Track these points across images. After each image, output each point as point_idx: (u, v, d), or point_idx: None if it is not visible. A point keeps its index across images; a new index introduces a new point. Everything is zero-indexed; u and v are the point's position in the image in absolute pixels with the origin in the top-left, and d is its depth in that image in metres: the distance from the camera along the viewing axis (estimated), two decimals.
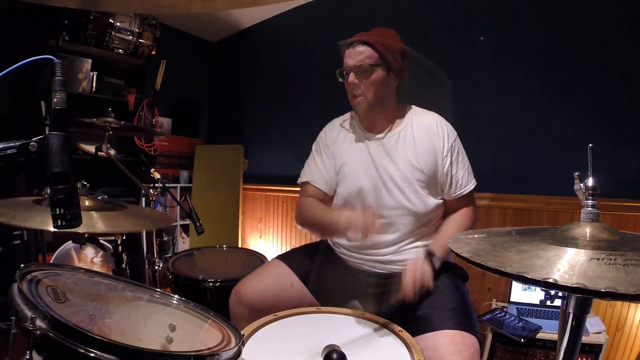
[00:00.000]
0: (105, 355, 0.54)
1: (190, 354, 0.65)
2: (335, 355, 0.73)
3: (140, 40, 2.93)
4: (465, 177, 1.20)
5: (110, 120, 1.47)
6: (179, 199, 1.71)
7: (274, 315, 1.01)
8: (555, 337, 1.56)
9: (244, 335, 0.84)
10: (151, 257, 1.66)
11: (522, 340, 1.54)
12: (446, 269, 1.19)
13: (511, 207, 2.06)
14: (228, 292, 1.51)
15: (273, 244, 3.34)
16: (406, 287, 1.01)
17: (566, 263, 0.51)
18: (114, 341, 0.57)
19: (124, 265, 1.31)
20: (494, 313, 1.76)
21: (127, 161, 2.80)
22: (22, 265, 0.75)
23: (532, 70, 2.04)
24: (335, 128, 1.34)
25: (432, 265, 1.08)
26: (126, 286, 0.94)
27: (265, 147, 3.52)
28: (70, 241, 2.14)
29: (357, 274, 1.23)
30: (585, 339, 1.54)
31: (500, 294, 2.00)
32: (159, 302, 0.92)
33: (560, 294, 0.59)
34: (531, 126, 2.04)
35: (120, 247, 1.31)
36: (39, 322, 0.56)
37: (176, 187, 3.54)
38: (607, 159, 1.74)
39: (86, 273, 0.93)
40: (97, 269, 2.19)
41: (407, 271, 1.04)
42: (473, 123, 2.10)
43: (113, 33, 2.78)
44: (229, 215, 3.47)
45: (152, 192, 1.60)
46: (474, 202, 1.26)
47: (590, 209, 0.62)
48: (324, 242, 1.38)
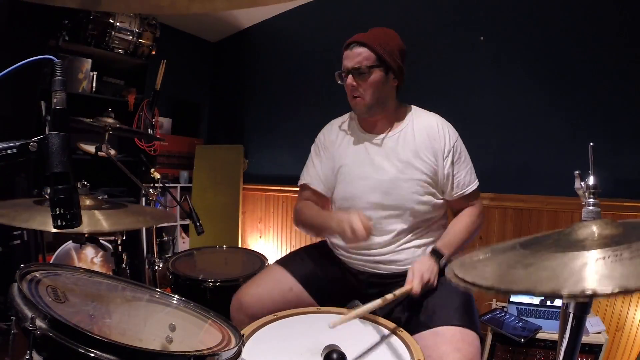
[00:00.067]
0: (105, 355, 0.54)
1: (190, 354, 0.65)
2: (335, 355, 0.73)
3: (140, 40, 2.93)
4: (467, 177, 1.20)
5: (110, 120, 1.47)
6: (179, 199, 1.71)
7: (274, 315, 1.01)
8: (555, 337, 1.56)
9: (244, 335, 0.83)
10: (151, 257, 1.66)
11: (522, 340, 1.54)
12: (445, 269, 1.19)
13: (511, 207, 2.06)
14: (228, 292, 1.50)
15: (273, 244, 3.34)
16: (412, 281, 1.02)
17: (572, 270, 0.48)
18: (114, 341, 0.57)
19: (124, 265, 1.30)
20: (494, 313, 1.76)
21: (127, 161, 2.79)
22: (22, 265, 0.75)
23: (532, 70, 2.04)
24: (334, 129, 1.33)
25: (438, 263, 1.09)
26: (126, 286, 0.94)
27: (265, 147, 3.53)
28: (70, 241, 2.14)
29: (358, 274, 1.23)
30: (585, 339, 1.54)
31: (500, 294, 2.00)
32: (159, 302, 0.91)
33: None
34: (531, 126, 2.04)
35: (120, 247, 1.31)
36: (39, 322, 0.56)
37: (176, 187, 3.54)
38: (607, 158, 1.74)
39: (86, 273, 0.93)
40: (97, 269, 2.19)
41: (414, 265, 1.06)
42: (473, 123, 2.10)
43: (113, 33, 2.78)
44: (229, 215, 3.47)
45: (152, 192, 1.59)
46: (479, 201, 1.26)
47: (591, 207, 0.61)
48: (323, 243, 1.38)
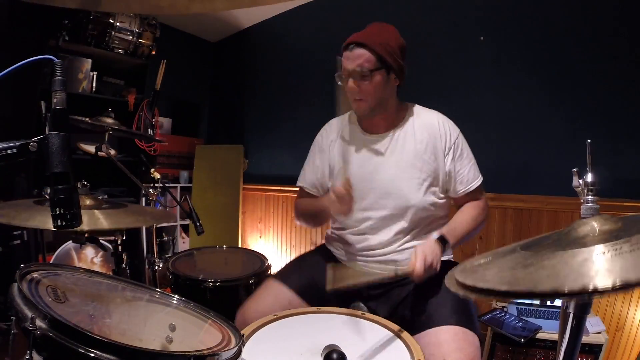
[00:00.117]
0: (105, 355, 0.54)
1: (190, 354, 0.65)
2: (335, 355, 0.73)
3: (140, 40, 2.93)
4: (471, 173, 1.19)
5: (110, 120, 1.47)
6: (179, 199, 1.71)
7: (274, 315, 1.01)
8: (555, 337, 1.56)
9: (244, 335, 0.83)
10: (151, 257, 1.66)
11: (522, 340, 1.54)
12: (448, 267, 1.19)
13: (511, 207, 2.06)
14: (228, 292, 1.51)
15: (273, 244, 3.34)
16: (415, 263, 0.99)
17: (572, 267, 0.48)
18: (114, 341, 0.57)
19: (124, 265, 1.30)
20: (494, 313, 1.76)
21: (127, 161, 2.80)
22: (22, 265, 0.75)
23: (532, 70, 2.04)
24: (333, 129, 1.33)
25: (442, 249, 1.06)
26: (126, 286, 0.94)
27: (265, 147, 3.53)
28: (70, 241, 2.14)
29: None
30: (585, 339, 1.54)
31: None
32: (159, 302, 0.91)
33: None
34: (531, 126, 2.04)
35: (120, 247, 1.31)
36: (39, 322, 0.56)
37: (176, 187, 3.54)
38: (606, 158, 1.74)
39: (86, 273, 0.93)
40: (97, 269, 2.19)
41: (417, 248, 1.03)
42: (473, 123, 2.08)
43: (113, 33, 2.78)
44: (229, 215, 3.47)
45: (152, 192, 1.59)
46: (484, 196, 1.24)
47: (590, 204, 0.61)
48: (322, 247, 1.37)
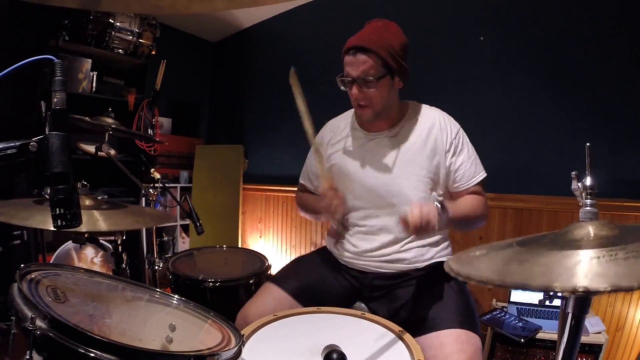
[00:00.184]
0: (105, 355, 0.54)
1: (190, 354, 0.65)
2: (335, 355, 0.73)
3: (140, 40, 2.93)
4: (472, 169, 1.17)
5: (110, 120, 1.47)
6: (179, 199, 1.71)
7: (274, 315, 1.01)
8: (555, 337, 1.56)
9: (244, 335, 0.84)
10: (151, 257, 1.66)
11: (522, 340, 1.54)
12: None
13: (511, 207, 2.06)
14: (228, 292, 1.51)
15: (273, 244, 3.34)
16: (412, 218, 0.95)
17: (566, 267, 0.50)
18: (114, 341, 0.57)
19: (124, 265, 1.30)
20: (494, 313, 1.76)
21: (127, 161, 2.80)
22: (22, 265, 0.75)
23: (532, 70, 2.04)
24: (333, 128, 1.33)
25: (440, 213, 1.00)
26: (126, 286, 0.94)
27: (265, 147, 3.52)
28: (70, 241, 2.14)
29: (363, 278, 1.20)
30: (585, 339, 1.54)
31: (500, 294, 2.00)
32: (159, 302, 0.92)
33: (559, 294, 0.59)
34: (531, 126, 2.04)
35: (120, 247, 1.31)
36: (39, 322, 0.56)
37: (176, 187, 3.54)
38: (606, 158, 1.74)
39: (86, 273, 0.93)
40: (97, 269, 2.19)
41: (414, 205, 0.99)
42: (473, 123, 2.08)
43: (113, 33, 2.78)
44: (229, 215, 3.47)
45: (152, 192, 1.59)
46: (484, 194, 1.21)
47: (588, 208, 0.61)
48: (323, 249, 1.37)
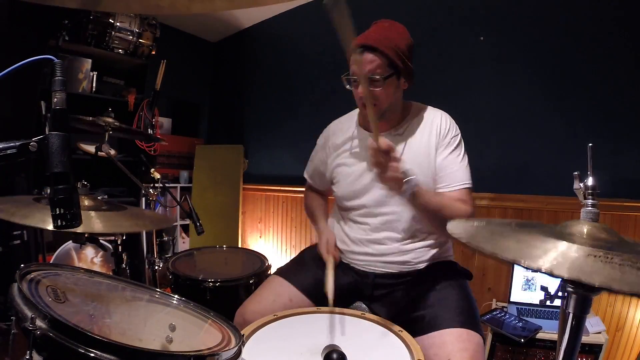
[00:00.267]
0: (105, 355, 0.54)
1: (190, 354, 0.65)
2: (335, 355, 0.73)
3: (140, 40, 2.93)
4: (458, 174, 1.13)
5: (110, 120, 1.47)
6: (179, 199, 1.71)
7: (274, 315, 1.01)
8: (555, 337, 1.56)
9: (244, 335, 0.83)
10: (151, 257, 1.67)
11: (522, 340, 1.54)
12: (450, 269, 1.19)
13: (511, 207, 2.06)
14: (228, 292, 1.51)
15: (273, 244, 3.34)
16: (379, 144, 0.91)
17: (563, 256, 0.51)
18: (114, 341, 0.57)
19: (124, 265, 1.30)
20: (494, 313, 1.76)
21: (127, 161, 2.80)
22: (22, 265, 0.75)
23: (533, 70, 2.04)
24: (338, 127, 1.33)
25: (403, 182, 0.96)
26: (126, 286, 0.94)
27: (265, 147, 3.53)
28: (70, 241, 2.14)
29: (364, 277, 1.20)
30: (585, 339, 1.54)
31: (500, 294, 2.00)
32: (159, 302, 0.91)
33: (560, 293, 0.59)
34: (531, 126, 2.04)
35: (120, 247, 1.31)
36: (39, 322, 0.56)
37: (176, 187, 3.54)
38: (607, 158, 1.74)
39: (86, 273, 0.93)
40: (97, 269, 2.19)
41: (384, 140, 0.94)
42: (473, 123, 2.10)
43: (113, 33, 2.78)
44: (229, 215, 3.47)
45: (152, 192, 1.60)
46: (469, 204, 1.12)
47: (590, 208, 0.62)
48: None
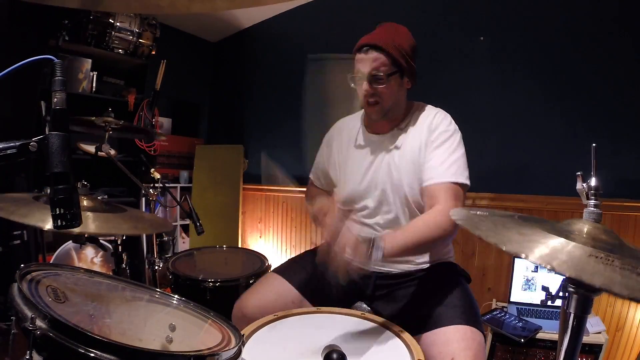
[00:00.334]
0: (105, 355, 0.54)
1: (190, 354, 0.65)
2: (335, 355, 0.73)
3: (140, 40, 2.93)
4: (439, 169, 1.08)
5: (110, 120, 1.47)
6: (179, 199, 1.71)
7: (274, 315, 1.01)
8: (555, 337, 1.56)
9: (244, 335, 0.83)
10: (151, 257, 1.66)
11: (522, 340, 1.54)
12: (450, 270, 1.20)
13: (511, 207, 2.06)
14: (228, 292, 1.51)
15: (273, 244, 3.34)
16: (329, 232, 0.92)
17: (566, 253, 0.51)
18: (114, 341, 0.57)
19: (124, 265, 1.30)
20: (494, 313, 1.76)
21: (127, 161, 2.80)
22: (22, 265, 0.75)
23: (532, 70, 2.04)
24: (342, 127, 1.34)
25: (368, 248, 0.92)
26: (126, 286, 0.93)
27: (265, 147, 3.52)
28: (70, 241, 2.14)
29: (365, 277, 1.19)
30: (585, 339, 1.54)
31: (500, 294, 2.00)
32: (159, 302, 0.91)
33: (561, 293, 0.59)
34: (531, 126, 2.04)
35: (120, 247, 1.31)
36: (39, 322, 0.56)
37: (176, 187, 3.54)
38: (607, 159, 1.74)
39: (86, 273, 0.93)
40: (97, 269, 2.19)
41: (345, 230, 0.93)
42: (473, 123, 2.10)
43: (113, 33, 2.78)
44: (229, 215, 3.46)
45: (152, 192, 1.60)
46: (450, 204, 1.03)
47: (592, 208, 0.62)
48: None
